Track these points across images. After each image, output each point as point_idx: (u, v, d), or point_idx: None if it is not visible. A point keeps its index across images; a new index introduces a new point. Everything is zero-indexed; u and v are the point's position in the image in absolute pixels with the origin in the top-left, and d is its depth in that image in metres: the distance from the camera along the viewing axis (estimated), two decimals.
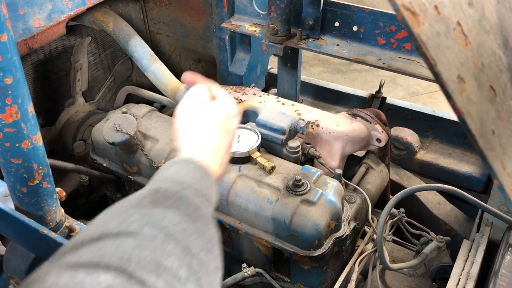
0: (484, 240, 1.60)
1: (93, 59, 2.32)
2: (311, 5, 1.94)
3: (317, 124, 1.83)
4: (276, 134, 1.69)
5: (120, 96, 2.36)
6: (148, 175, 1.79)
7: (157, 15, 2.39)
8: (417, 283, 1.86)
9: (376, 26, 1.87)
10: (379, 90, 2.36)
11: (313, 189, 1.52)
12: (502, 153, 0.82)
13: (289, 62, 2.16)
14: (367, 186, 1.87)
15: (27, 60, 1.97)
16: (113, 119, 1.74)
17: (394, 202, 1.61)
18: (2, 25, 0.96)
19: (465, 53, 0.77)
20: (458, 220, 2.07)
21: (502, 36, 0.93)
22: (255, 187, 1.58)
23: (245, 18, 2.17)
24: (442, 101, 3.04)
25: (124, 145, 1.73)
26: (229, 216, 1.64)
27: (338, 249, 1.61)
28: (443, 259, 1.75)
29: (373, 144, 1.87)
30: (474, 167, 2.18)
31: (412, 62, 1.83)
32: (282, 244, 1.54)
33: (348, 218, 1.62)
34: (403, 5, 0.66)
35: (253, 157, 1.62)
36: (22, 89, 1.06)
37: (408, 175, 2.19)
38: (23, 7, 1.55)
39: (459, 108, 0.72)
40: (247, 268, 1.59)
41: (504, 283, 1.28)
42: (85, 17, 2.04)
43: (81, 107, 2.27)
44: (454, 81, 0.72)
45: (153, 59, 2.03)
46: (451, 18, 0.76)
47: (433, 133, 2.31)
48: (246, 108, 1.80)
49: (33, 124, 1.13)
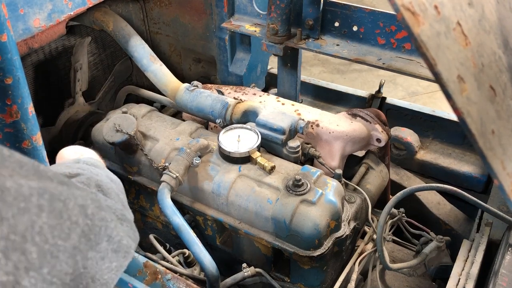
0: (484, 240, 1.60)
1: (93, 59, 2.32)
2: (311, 5, 1.94)
3: (317, 124, 1.83)
4: (276, 134, 1.69)
5: (120, 96, 2.36)
6: (148, 175, 1.79)
7: (157, 15, 2.39)
8: (417, 283, 1.86)
9: (376, 26, 1.87)
10: (379, 90, 2.36)
11: (313, 189, 1.52)
12: (502, 153, 0.82)
13: (289, 62, 2.16)
14: (367, 186, 1.87)
15: (27, 60, 1.97)
16: (113, 119, 1.73)
17: (394, 202, 1.61)
18: (2, 25, 0.96)
19: (465, 53, 0.77)
20: (458, 220, 2.07)
21: (502, 36, 0.93)
22: (255, 187, 1.58)
23: (245, 18, 2.17)
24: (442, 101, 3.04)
25: (124, 145, 1.73)
26: (229, 216, 1.64)
27: (338, 249, 1.61)
28: (443, 259, 1.75)
29: (373, 144, 1.87)
30: (474, 167, 2.18)
31: (412, 62, 1.83)
32: (282, 244, 1.54)
33: (348, 218, 1.62)
34: (403, 5, 0.66)
35: (253, 157, 1.62)
36: (22, 89, 1.06)
37: (408, 175, 2.19)
38: (23, 7, 1.55)
39: (459, 108, 0.72)
40: (247, 268, 1.59)
41: (504, 283, 1.28)
42: (85, 17, 2.04)
43: (81, 107, 2.27)
44: (454, 81, 0.72)
45: (153, 59, 2.03)
46: (451, 18, 0.76)
47: (433, 133, 2.31)
48: (246, 108, 1.80)
49: (33, 124, 1.13)
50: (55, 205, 0.54)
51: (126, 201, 0.83)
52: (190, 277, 1.59)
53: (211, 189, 1.63)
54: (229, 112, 1.80)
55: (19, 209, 0.49)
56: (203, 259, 1.49)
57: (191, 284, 1.43)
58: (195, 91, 1.92)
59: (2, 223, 0.46)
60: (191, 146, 1.62)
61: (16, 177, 0.51)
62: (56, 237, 0.52)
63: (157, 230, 1.96)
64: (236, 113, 1.80)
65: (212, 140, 1.73)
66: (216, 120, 1.84)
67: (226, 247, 1.77)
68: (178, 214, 1.54)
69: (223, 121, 1.82)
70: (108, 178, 0.85)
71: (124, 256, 0.67)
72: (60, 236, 0.53)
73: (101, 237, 0.61)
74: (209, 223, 1.72)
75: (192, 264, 1.69)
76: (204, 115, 1.89)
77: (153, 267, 1.45)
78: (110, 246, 0.63)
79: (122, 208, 0.74)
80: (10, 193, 0.49)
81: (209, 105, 1.85)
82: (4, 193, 0.48)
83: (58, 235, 0.53)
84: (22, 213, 0.49)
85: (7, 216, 0.47)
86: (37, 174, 0.55)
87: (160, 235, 1.87)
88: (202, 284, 1.57)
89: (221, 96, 1.88)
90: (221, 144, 1.65)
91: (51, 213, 0.53)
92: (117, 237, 0.65)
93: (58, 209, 0.54)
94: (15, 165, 0.53)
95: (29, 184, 0.52)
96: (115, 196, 0.79)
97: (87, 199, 0.60)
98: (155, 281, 1.42)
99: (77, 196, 0.59)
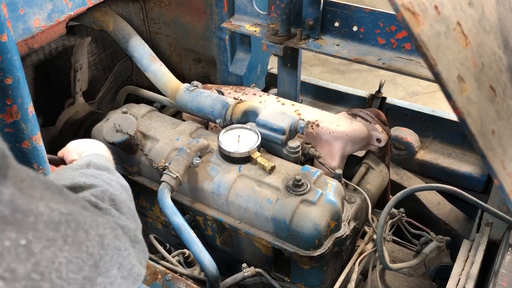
0: (484, 240, 1.60)
1: (93, 59, 2.32)
2: (311, 5, 1.94)
3: (317, 124, 1.83)
4: (276, 134, 1.68)
5: (120, 96, 2.36)
6: (148, 175, 1.79)
7: (157, 15, 2.39)
8: (417, 283, 1.86)
9: (376, 26, 1.87)
10: (379, 90, 2.36)
11: (313, 189, 1.52)
12: (502, 153, 0.82)
13: (289, 62, 2.16)
14: (367, 186, 1.87)
15: (27, 60, 1.97)
16: (113, 119, 1.74)
17: (394, 202, 1.61)
18: (2, 25, 0.96)
19: (465, 53, 0.77)
20: (458, 220, 2.07)
21: (502, 36, 0.93)
22: (255, 187, 1.58)
23: (245, 18, 2.17)
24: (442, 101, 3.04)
25: (124, 145, 1.73)
26: (229, 216, 1.64)
27: (338, 249, 1.61)
28: (443, 259, 1.75)
29: (373, 144, 1.87)
30: (474, 167, 2.18)
31: (412, 62, 1.83)
32: (282, 244, 1.54)
33: (348, 218, 1.62)
34: (403, 5, 0.66)
35: (253, 157, 1.62)
36: (22, 89, 1.06)
37: (408, 175, 2.19)
38: (23, 7, 1.55)
39: (459, 108, 0.72)
40: (247, 268, 1.59)
41: (504, 283, 1.28)
42: (85, 17, 2.04)
43: (81, 107, 2.27)
44: (454, 81, 0.72)
45: (153, 59, 2.03)
46: (451, 18, 0.76)
47: (433, 133, 2.31)
48: (246, 108, 1.80)
49: (33, 124, 1.13)
50: (78, 235, 0.55)
51: (134, 209, 0.85)
52: (190, 277, 1.59)
53: (211, 189, 1.63)
54: (229, 112, 1.80)
55: (47, 240, 0.50)
56: (203, 259, 1.49)
57: (191, 284, 1.43)
58: (195, 91, 1.92)
59: (29, 259, 0.48)
60: (191, 146, 1.62)
61: (46, 199, 0.52)
62: (70, 271, 0.53)
63: (157, 230, 1.96)
64: (236, 113, 1.80)
65: (212, 140, 1.73)
66: (216, 120, 1.84)
67: (226, 247, 1.77)
68: (178, 214, 1.54)
69: (223, 121, 1.82)
70: (119, 185, 0.87)
71: (133, 283, 0.69)
72: (73, 270, 0.54)
73: (112, 265, 0.63)
74: (209, 223, 1.72)
75: (192, 264, 1.69)
76: (204, 115, 1.89)
77: (153, 267, 1.45)
78: (120, 274, 0.65)
79: (135, 228, 0.76)
80: (43, 219, 0.50)
81: (209, 105, 1.85)
82: (37, 219, 0.49)
83: (73, 269, 0.54)
84: (48, 246, 0.50)
85: (35, 251, 0.48)
86: (63, 197, 0.57)
87: (160, 235, 1.87)
88: (202, 284, 1.57)
89: (221, 96, 1.88)
90: (221, 144, 1.65)
91: (73, 245, 0.54)
92: (128, 266, 0.67)
93: (80, 240, 0.56)
94: (42, 187, 0.54)
95: (59, 209, 0.53)
96: (127, 210, 0.81)
97: (106, 228, 0.62)
98: (155, 281, 1.42)
99: (99, 224, 0.61)
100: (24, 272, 0.47)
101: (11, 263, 0.45)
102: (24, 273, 0.46)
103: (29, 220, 0.48)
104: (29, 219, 0.48)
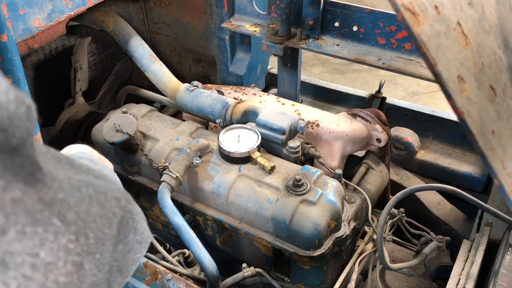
0: (484, 240, 1.60)
1: (93, 59, 2.32)
2: (311, 5, 1.94)
3: (317, 124, 1.83)
4: (276, 134, 1.68)
5: (120, 96, 2.36)
6: (148, 175, 1.79)
7: (157, 15, 2.39)
8: (417, 283, 1.86)
9: (376, 26, 1.87)
10: (379, 90, 2.36)
11: (313, 189, 1.52)
12: (502, 153, 0.82)
13: (289, 62, 2.16)
14: (367, 186, 1.87)
15: (27, 60, 1.97)
16: (113, 119, 1.73)
17: (394, 202, 1.61)
18: (2, 25, 0.96)
19: (465, 53, 0.77)
20: (458, 220, 2.07)
21: (502, 36, 0.93)
22: (255, 187, 1.58)
23: (245, 18, 2.17)
24: (442, 101, 3.04)
25: (124, 145, 1.73)
26: (229, 216, 1.64)
27: (338, 249, 1.61)
28: (443, 259, 1.75)
29: (373, 144, 1.87)
30: (474, 167, 2.18)
31: (412, 62, 1.83)
32: (282, 244, 1.54)
33: (348, 218, 1.62)
34: (403, 5, 0.66)
35: (253, 157, 1.62)
36: (22, 89, 1.06)
37: (408, 175, 2.19)
38: (23, 7, 1.55)
39: (459, 108, 0.72)
40: (247, 268, 1.59)
41: (504, 283, 1.28)
42: (85, 17, 2.04)
43: (81, 107, 2.27)
44: (454, 81, 0.72)
45: (153, 59, 2.03)
46: (451, 18, 0.76)
47: (433, 133, 2.31)
48: (246, 108, 1.80)
49: None
50: (99, 197, 0.57)
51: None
52: (190, 277, 1.59)
53: (211, 189, 1.63)
54: (229, 112, 1.80)
55: (77, 198, 0.53)
56: (203, 259, 1.49)
57: (191, 284, 1.43)
58: (195, 91, 1.92)
59: (70, 210, 0.51)
60: (191, 146, 1.62)
61: (61, 170, 0.54)
62: (103, 225, 0.55)
63: (157, 230, 1.96)
64: (236, 113, 1.80)
65: (212, 140, 1.73)
66: (216, 120, 1.84)
67: (226, 247, 1.77)
68: (178, 214, 1.54)
69: (223, 121, 1.82)
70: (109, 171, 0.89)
71: (145, 247, 0.70)
72: (106, 225, 0.56)
73: (129, 230, 0.64)
74: (209, 223, 1.72)
75: (192, 264, 1.69)
76: (204, 115, 1.89)
77: (153, 267, 1.45)
78: (136, 238, 0.66)
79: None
80: (66, 183, 0.52)
81: (209, 105, 1.85)
82: (62, 183, 0.52)
83: (105, 223, 0.56)
84: (80, 201, 0.53)
85: (71, 204, 0.51)
86: (75, 168, 0.59)
87: (160, 235, 1.87)
88: (202, 284, 1.57)
89: (221, 96, 1.88)
90: (221, 144, 1.65)
91: (98, 203, 0.56)
92: (141, 229, 0.68)
93: (102, 200, 0.57)
94: (54, 160, 0.56)
95: (75, 177, 0.56)
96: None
97: (119, 192, 0.63)
98: (155, 281, 1.42)
99: (112, 189, 0.62)
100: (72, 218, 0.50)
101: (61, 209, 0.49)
102: (72, 219, 0.50)
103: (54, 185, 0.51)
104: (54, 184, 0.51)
